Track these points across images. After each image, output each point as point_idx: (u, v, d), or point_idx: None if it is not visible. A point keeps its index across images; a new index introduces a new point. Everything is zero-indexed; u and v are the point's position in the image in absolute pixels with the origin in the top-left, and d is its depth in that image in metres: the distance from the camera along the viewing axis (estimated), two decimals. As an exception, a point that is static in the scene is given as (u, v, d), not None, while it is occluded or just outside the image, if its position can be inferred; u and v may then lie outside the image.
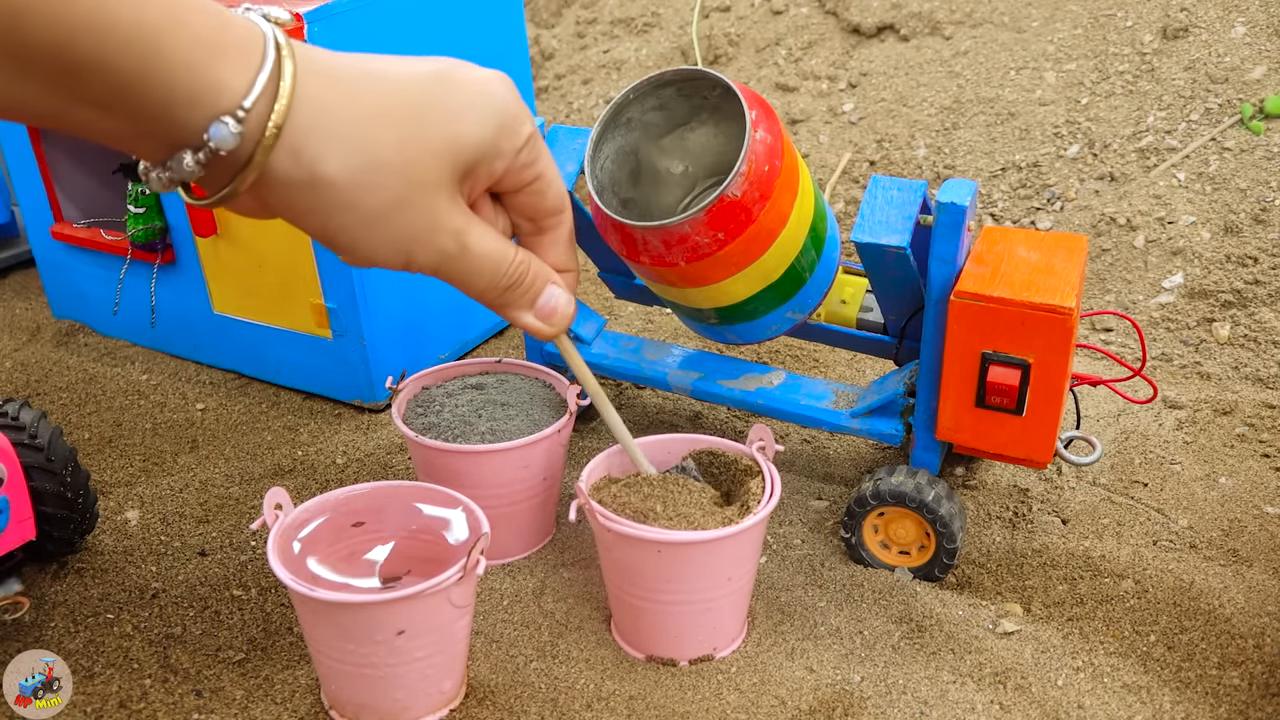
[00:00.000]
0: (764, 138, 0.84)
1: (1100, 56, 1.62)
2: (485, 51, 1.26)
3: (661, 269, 0.88)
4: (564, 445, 0.98)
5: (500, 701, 0.83)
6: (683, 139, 0.97)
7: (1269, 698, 0.82)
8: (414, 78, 0.51)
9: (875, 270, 0.92)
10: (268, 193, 0.48)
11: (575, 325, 1.11)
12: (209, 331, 1.31)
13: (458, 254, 0.55)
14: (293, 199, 0.49)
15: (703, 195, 0.99)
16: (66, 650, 0.89)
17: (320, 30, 1.03)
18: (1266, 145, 1.42)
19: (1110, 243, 1.41)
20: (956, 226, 0.85)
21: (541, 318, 0.62)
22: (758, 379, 1.05)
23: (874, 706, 0.82)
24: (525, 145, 0.55)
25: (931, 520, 0.92)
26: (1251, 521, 1.01)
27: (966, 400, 0.88)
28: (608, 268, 1.17)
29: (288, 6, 1.02)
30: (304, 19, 1.01)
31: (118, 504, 1.09)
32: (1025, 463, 0.92)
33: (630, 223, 0.85)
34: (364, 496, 0.86)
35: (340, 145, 0.48)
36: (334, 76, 0.49)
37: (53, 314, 1.46)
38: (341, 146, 0.48)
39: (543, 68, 2.11)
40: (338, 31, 1.05)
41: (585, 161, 0.90)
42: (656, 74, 0.90)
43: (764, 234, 0.85)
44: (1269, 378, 1.22)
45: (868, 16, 1.85)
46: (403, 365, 1.21)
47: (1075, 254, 0.89)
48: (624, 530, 0.80)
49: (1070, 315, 0.82)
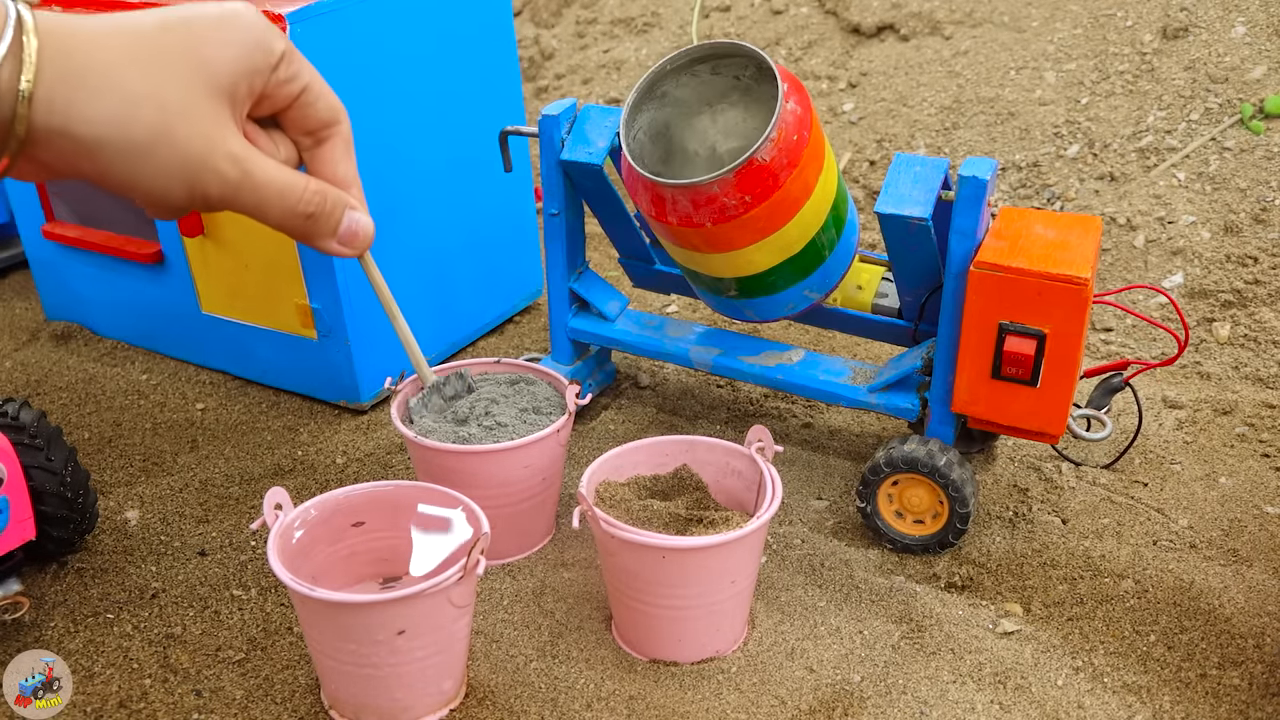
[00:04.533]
0: (794, 109, 0.87)
1: (1100, 56, 1.62)
2: (473, 50, 1.25)
3: (688, 230, 0.90)
4: (563, 445, 0.98)
5: (500, 701, 0.83)
6: (714, 119, 1.00)
7: (1269, 698, 0.82)
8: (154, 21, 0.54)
9: (896, 244, 0.95)
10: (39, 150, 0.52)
11: (600, 303, 1.14)
12: (198, 332, 1.30)
13: (241, 179, 0.58)
14: (61, 148, 0.52)
15: None
16: (66, 650, 0.89)
17: (302, 31, 1.02)
18: (1266, 145, 1.42)
19: (1110, 242, 1.41)
20: (977, 200, 0.89)
21: (344, 242, 0.65)
22: (777, 355, 1.07)
23: (874, 706, 0.82)
24: (281, 60, 0.58)
25: (944, 485, 0.94)
26: (1251, 521, 1.01)
27: (983, 372, 0.91)
28: (628, 252, 1.18)
29: (272, 7, 1.02)
30: (286, 19, 1.01)
31: (118, 504, 1.09)
32: (1037, 436, 0.94)
33: (661, 180, 0.88)
34: (364, 496, 0.86)
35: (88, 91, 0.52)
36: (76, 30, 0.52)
37: (46, 316, 1.46)
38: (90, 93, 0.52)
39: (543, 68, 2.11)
40: (320, 32, 1.04)
41: (620, 126, 0.93)
42: (694, 47, 0.93)
43: (789, 202, 0.88)
44: (1269, 378, 1.22)
45: (868, 16, 1.85)
46: (388, 366, 1.21)
47: (1090, 232, 0.91)
48: (627, 536, 0.80)
49: (1086, 285, 0.84)
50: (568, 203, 1.10)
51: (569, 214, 1.11)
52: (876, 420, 1.19)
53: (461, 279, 1.31)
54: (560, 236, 1.11)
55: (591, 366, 1.20)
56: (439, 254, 1.26)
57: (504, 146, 1.12)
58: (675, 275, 1.17)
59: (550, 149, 1.06)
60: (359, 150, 0.64)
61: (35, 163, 0.53)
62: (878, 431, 1.17)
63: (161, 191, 0.56)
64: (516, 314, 1.44)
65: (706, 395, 1.24)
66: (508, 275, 1.39)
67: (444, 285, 1.28)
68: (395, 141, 1.17)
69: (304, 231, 0.62)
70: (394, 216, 1.19)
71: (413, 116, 1.19)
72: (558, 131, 1.06)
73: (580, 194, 1.11)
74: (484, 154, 1.29)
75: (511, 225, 1.38)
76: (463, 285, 1.31)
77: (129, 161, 0.54)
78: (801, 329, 1.36)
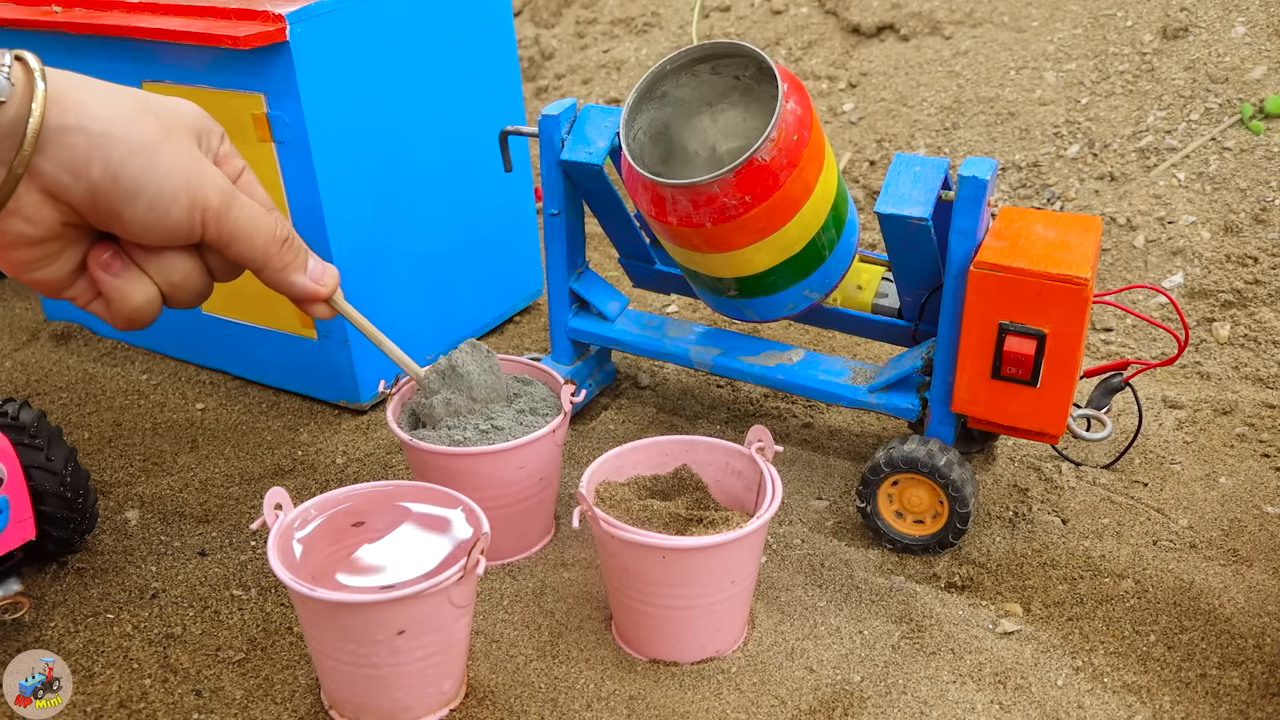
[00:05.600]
0: (794, 108, 0.87)
1: (1100, 56, 1.62)
2: (473, 50, 1.25)
3: (688, 230, 0.90)
4: (559, 445, 0.98)
5: (500, 701, 0.83)
6: (714, 119, 1.00)
7: (1269, 698, 0.82)
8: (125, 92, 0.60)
9: (896, 244, 0.95)
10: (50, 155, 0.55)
11: (600, 303, 1.14)
12: (198, 332, 1.30)
13: (232, 196, 0.62)
14: (75, 145, 0.55)
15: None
16: (66, 650, 0.89)
17: (302, 30, 1.02)
18: (1266, 145, 1.43)
19: (1110, 243, 1.41)
20: (977, 200, 0.89)
21: (314, 279, 0.69)
22: (777, 355, 1.07)
23: (874, 706, 0.82)
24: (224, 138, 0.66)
25: (944, 485, 0.94)
26: (1251, 521, 1.01)
27: (983, 372, 0.91)
28: (628, 252, 1.18)
29: (272, 7, 1.02)
30: (286, 19, 1.00)
31: (118, 504, 1.09)
32: (1037, 436, 0.94)
33: (661, 180, 0.88)
34: (364, 496, 0.86)
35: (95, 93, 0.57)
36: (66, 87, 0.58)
37: (46, 316, 1.46)
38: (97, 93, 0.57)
39: (543, 68, 2.12)
40: (320, 31, 1.04)
41: (620, 126, 0.93)
42: (694, 47, 0.93)
43: (788, 202, 0.88)
44: (1269, 378, 1.22)
45: (868, 16, 1.85)
46: (388, 367, 1.21)
47: (1090, 233, 0.92)
48: (627, 536, 0.80)
49: (1086, 285, 0.84)
50: (568, 203, 1.10)
51: (569, 214, 1.11)
52: (876, 420, 1.19)
53: (461, 279, 1.31)
54: (560, 236, 1.11)
55: (591, 366, 1.20)
56: (439, 254, 1.26)
57: (504, 146, 1.12)
58: (675, 275, 1.17)
59: (550, 149, 1.06)
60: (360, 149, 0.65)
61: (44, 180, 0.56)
62: (878, 431, 1.17)
63: (169, 197, 0.58)
64: (516, 314, 1.44)
65: (706, 395, 1.24)
66: (507, 275, 1.39)
67: (444, 285, 1.28)
68: (395, 141, 1.17)
69: (282, 261, 0.66)
70: (394, 216, 1.19)
71: (412, 116, 1.19)
72: (558, 131, 1.06)
73: (580, 194, 1.11)
74: (484, 154, 1.29)
75: (511, 225, 1.38)
76: (462, 285, 1.31)
77: (139, 157, 0.57)
78: (801, 329, 1.36)
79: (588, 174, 1.06)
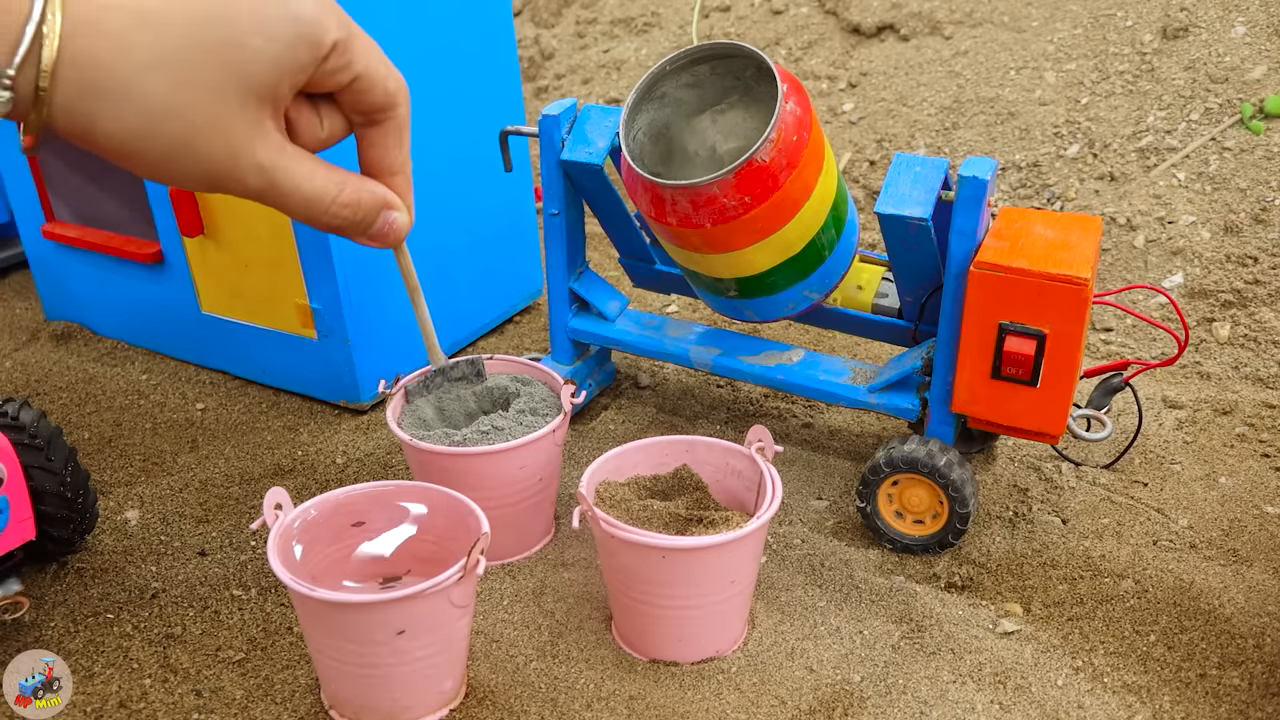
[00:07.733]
0: (794, 109, 0.87)
1: (1100, 56, 1.62)
2: (473, 50, 1.25)
3: (688, 231, 0.91)
4: (559, 445, 0.98)
5: (500, 701, 0.83)
6: (714, 120, 1.00)
7: (1269, 698, 0.82)
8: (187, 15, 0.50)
9: (896, 244, 0.95)
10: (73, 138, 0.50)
11: (600, 303, 1.14)
12: (198, 332, 1.30)
13: (265, 189, 0.55)
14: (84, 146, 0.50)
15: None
16: (66, 650, 0.89)
17: None
18: (1266, 145, 1.42)
19: (1110, 242, 1.41)
20: (977, 200, 0.89)
21: (376, 240, 0.63)
22: (777, 355, 1.07)
23: (874, 706, 0.82)
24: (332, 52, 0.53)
25: (944, 485, 0.94)
26: (1251, 521, 1.01)
27: (982, 372, 0.91)
28: (628, 252, 1.18)
29: None
30: None
31: (118, 504, 1.09)
32: (1037, 436, 0.94)
33: (660, 181, 0.88)
34: (364, 496, 0.86)
35: (110, 104, 0.48)
36: (102, 29, 0.48)
37: (46, 315, 1.46)
38: (111, 105, 0.48)
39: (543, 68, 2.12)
40: None
41: (620, 126, 0.93)
42: (694, 47, 0.93)
43: (788, 202, 0.88)
44: (1269, 378, 1.22)
45: (868, 16, 1.85)
46: (388, 366, 1.21)
47: (1090, 233, 0.92)
48: (627, 536, 0.80)
49: (1086, 285, 0.84)
50: (568, 203, 1.10)
51: (569, 214, 1.11)
52: (876, 420, 1.19)
53: (461, 279, 1.31)
54: (560, 236, 1.11)
55: (591, 366, 1.20)
56: (439, 254, 1.26)
57: (504, 146, 1.12)
58: (675, 275, 1.17)
59: (550, 149, 1.06)
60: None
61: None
62: (878, 431, 1.17)
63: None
64: (516, 314, 1.44)
65: (706, 395, 1.24)
66: (508, 275, 1.39)
67: (444, 285, 1.28)
68: (395, 141, 1.17)
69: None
70: (394, 216, 1.19)
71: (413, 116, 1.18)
72: (558, 131, 1.06)
73: (580, 194, 1.11)
74: (484, 154, 1.29)
75: (511, 225, 1.38)
76: (463, 285, 1.31)
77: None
78: (801, 329, 1.36)
79: (588, 174, 1.06)
